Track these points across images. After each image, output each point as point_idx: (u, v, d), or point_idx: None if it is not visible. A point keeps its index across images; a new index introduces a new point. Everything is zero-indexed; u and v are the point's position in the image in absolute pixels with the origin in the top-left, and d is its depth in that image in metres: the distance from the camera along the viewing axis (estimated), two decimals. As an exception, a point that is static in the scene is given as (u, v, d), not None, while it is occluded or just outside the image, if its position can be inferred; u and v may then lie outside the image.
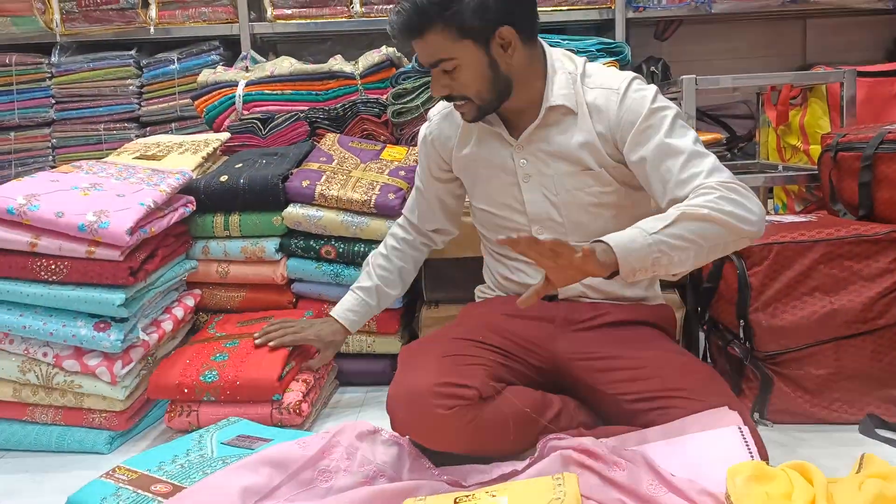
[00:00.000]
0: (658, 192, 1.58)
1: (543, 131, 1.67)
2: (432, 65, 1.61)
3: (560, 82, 1.65)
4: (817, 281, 1.80)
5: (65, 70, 3.23)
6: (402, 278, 1.98)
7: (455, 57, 1.57)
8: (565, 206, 1.69)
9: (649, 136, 1.57)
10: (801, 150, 2.86)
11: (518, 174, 1.71)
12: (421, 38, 1.58)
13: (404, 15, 1.56)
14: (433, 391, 1.48)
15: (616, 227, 1.64)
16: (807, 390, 1.80)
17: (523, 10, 1.61)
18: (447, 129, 1.81)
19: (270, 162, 2.36)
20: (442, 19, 1.54)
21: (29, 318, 1.85)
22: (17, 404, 1.91)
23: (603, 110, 1.63)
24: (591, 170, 1.65)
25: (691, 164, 1.53)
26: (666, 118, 1.58)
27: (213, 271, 2.26)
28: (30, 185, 1.92)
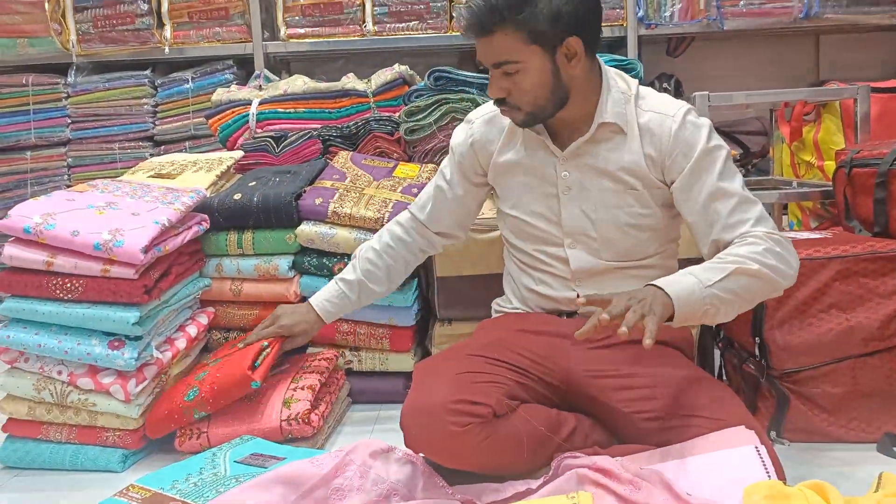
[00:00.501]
0: (701, 230, 1.61)
1: (592, 146, 1.67)
2: (495, 65, 1.59)
3: (614, 100, 1.66)
4: (833, 298, 1.78)
5: (81, 90, 3.27)
6: (390, 278, 1.95)
7: (520, 60, 1.56)
8: (602, 222, 1.69)
9: (701, 175, 1.59)
10: (816, 167, 2.85)
11: (558, 185, 1.70)
12: (489, 37, 1.56)
13: (477, 11, 1.54)
14: (447, 408, 1.47)
15: (647, 249, 1.69)
16: (823, 409, 1.78)
17: (593, 23, 1.61)
18: (490, 133, 1.80)
19: (284, 180, 2.37)
20: (514, 21, 1.53)
21: (44, 336, 1.86)
22: (31, 422, 1.92)
23: (656, 134, 1.63)
24: (634, 190, 1.66)
25: (740, 210, 1.56)
26: (719, 158, 1.60)
27: (226, 289, 2.27)
28: (46, 205, 1.93)
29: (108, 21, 3.23)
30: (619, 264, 1.70)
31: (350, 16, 3.22)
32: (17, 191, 3.27)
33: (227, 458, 1.65)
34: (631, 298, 1.41)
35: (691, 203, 1.61)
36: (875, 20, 3.12)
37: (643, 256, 1.71)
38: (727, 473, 1.35)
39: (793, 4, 3.10)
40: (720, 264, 1.49)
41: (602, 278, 1.71)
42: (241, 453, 1.68)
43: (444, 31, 3.19)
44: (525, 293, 1.80)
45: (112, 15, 3.22)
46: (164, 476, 1.59)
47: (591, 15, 1.60)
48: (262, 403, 1.90)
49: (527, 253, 1.78)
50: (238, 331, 2.29)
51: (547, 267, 1.75)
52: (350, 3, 3.21)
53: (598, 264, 1.70)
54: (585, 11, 1.58)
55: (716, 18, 3.13)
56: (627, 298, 1.41)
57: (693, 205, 1.61)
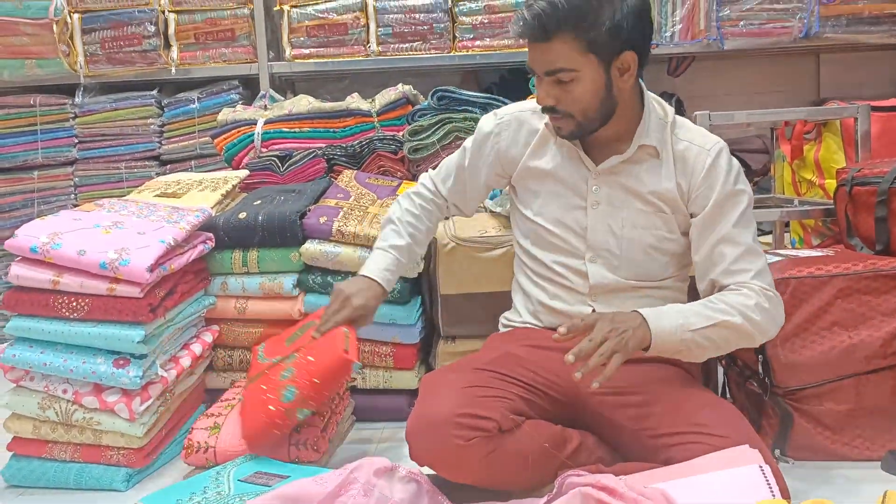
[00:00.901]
0: (702, 267, 1.66)
1: (627, 166, 1.68)
2: (549, 72, 1.58)
3: (654, 123, 1.67)
4: (835, 316, 1.79)
5: (88, 110, 3.29)
6: (427, 239, 1.95)
7: (576, 69, 1.55)
8: (627, 241, 1.69)
9: (720, 217, 1.63)
10: (817, 185, 2.86)
11: (588, 199, 1.70)
12: (547, 43, 1.55)
13: (539, 15, 1.52)
14: (453, 422, 1.48)
15: (664, 272, 1.71)
16: (827, 427, 1.78)
17: (647, 40, 1.63)
18: (521, 136, 1.79)
19: (288, 199, 2.38)
20: (575, 29, 1.52)
21: (49, 355, 1.87)
22: (36, 441, 1.93)
23: (689, 164, 1.66)
24: (663, 213, 1.68)
25: (744, 260, 1.61)
26: (740, 203, 1.64)
27: (231, 307, 2.28)
28: (53, 224, 1.95)
29: (116, 42, 3.26)
30: (636, 283, 1.71)
31: (354, 36, 3.25)
32: (24, 210, 3.29)
33: (231, 477, 1.65)
34: (612, 329, 1.47)
35: (702, 240, 1.65)
36: (875, 39, 3.13)
37: (659, 279, 1.72)
38: (731, 492, 1.35)
39: (792, 24, 3.12)
40: (709, 311, 1.55)
41: (617, 296, 1.71)
42: (245, 472, 1.68)
43: (447, 51, 3.22)
44: (537, 307, 1.79)
45: (119, 36, 3.25)
46: (168, 495, 1.60)
47: (648, 32, 1.63)
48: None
49: (543, 264, 1.76)
50: (242, 349, 2.30)
51: (563, 280, 1.74)
52: (354, 24, 3.24)
53: (616, 282, 1.70)
54: (643, 28, 1.60)
55: (716, 38, 3.15)
56: (609, 328, 1.47)
57: (703, 242, 1.65)
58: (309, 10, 3.24)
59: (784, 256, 2.01)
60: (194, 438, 1.87)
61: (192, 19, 3.27)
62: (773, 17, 3.13)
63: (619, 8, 1.54)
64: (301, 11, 3.24)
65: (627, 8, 1.54)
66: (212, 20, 3.28)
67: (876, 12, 3.10)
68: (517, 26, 1.56)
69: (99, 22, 3.24)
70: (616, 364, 1.44)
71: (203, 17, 3.27)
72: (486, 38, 3.19)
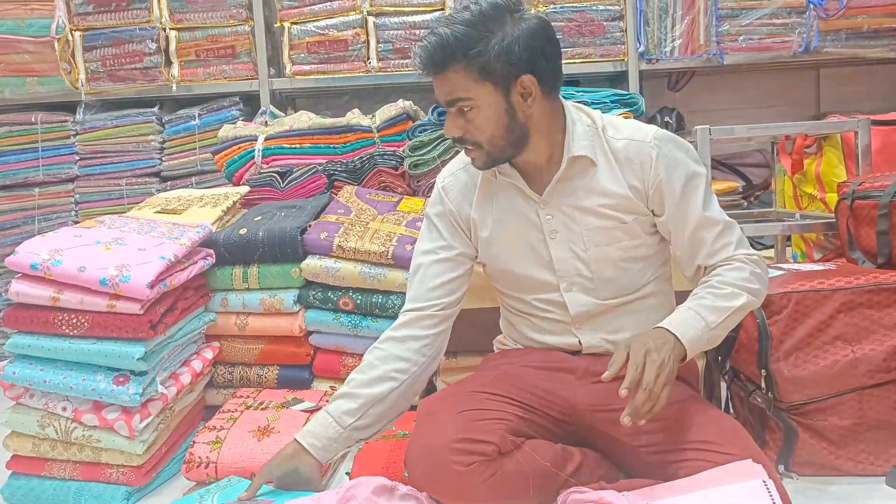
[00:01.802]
0: (686, 256, 1.65)
1: (568, 184, 1.64)
2: (449, 103, 1.57)
3: (580, 133, 1.63)
4: (838, 330, 1.78)
5: (89, 127, 3.30)
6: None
7: (473, 98, 1.54)
8: (595, 261, 1.66)
9: (687, 206, 1.61)
10: (818, 199, 2.86)
11: (544, 230, 1.66)
12: (441, 74, 1.54)
13: (429, 49, 1.52)
14: (451, 447, 1.47)
15: (642, 279, 1.68)
16: (831, 441, 1.77)
17: (548, 62, 1.58)
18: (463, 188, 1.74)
19: (289, 214, 2.38)
20: (465, 58, 1.51)
21: (49, 372, 1.86)
22: (35, 459, 1.92)
23: (636, 163, 1.62)
24: (623, 223, 1.64)
25: (723, 236, 1.61)
26: (700, 185, 1.62)
27: (231, 323, 2.27)
28: (53, 241, 1.95)
29: (117, 60, 3.27)
30: (617, 301, 1.68)
31: (355, 53, 3.26)
32: (25, 227, 3.29)
33: (215, 501, 1.63)
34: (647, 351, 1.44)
35: (678, 234, 1.63)
36: (874, 53, 3.15)
37: (639, 287, 1.69)
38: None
39: (792, 39, 3.13)
40: (721, 301, 1.55)
41: (602, 318, 1.69)
42: (229, 496, 1.65)
43: (448, 66, 3.23)
44: (525, 340, 1.78)
45: (121, 54, 3.27)
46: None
47: (545, 54, 1.56)
48: (274, 440, 1.89)
49: (523, 300, 1.74)
50: (243, 365, 2.29)
51: (546, 313, 1.71)
52: (354, 41, 3.25)
53: (596, 305, 1.67)
54: (539, 50, 1.54)
55: (716, 53, 3.16)
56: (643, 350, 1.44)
57: (680, 235, 1.63)
58: (309, 26, 3.26)
59: (786, 270, 2.01)
60: (195, 453, 1.86)
61: (193, 36, 3.29)
62: (773, 32, 3.15)
63: (510, 33, 1.51)
64: (301, 28, 3.26)
65: (519, 31, 1.51)
66: (213, 37, 3.30)
67: (875, 27, 3.12)
68: (416, 60, 1.56)
69: (100, 39, 3.27)
70: (666, 396, 1.42)
71: (204, 34, 3.29)
72: (486, 54, 3.20)
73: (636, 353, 1.44)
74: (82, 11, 3.27)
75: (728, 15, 3.15)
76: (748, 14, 3.15)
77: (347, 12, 3.25)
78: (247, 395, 2.15)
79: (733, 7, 3.16)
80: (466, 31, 1.51)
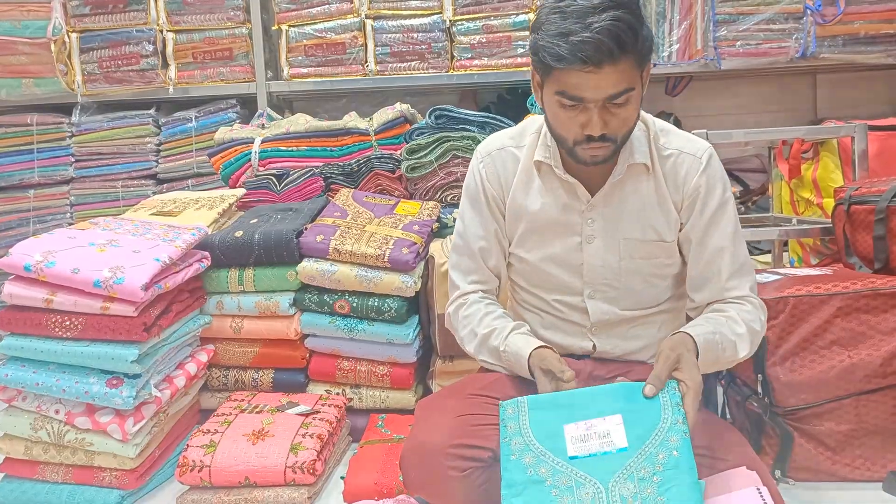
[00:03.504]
0: (697, 281, 1.62)
1: (619, 191, 1.60)
2: (611, 97, 1.42)
3: (638, 138, 1.58)
4: (834, 335, 1.78)
5: (85, 129, 3.30)
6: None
7: (634, 88, 1.44)
8: (627, 273, 1.63)
9: (714, 227, 1.59)
10: (815, 204, 2.86)
11: (583, 234, 1.63)
12: (615, 64, 1.39)
13: (614, 33, 1.37)
14: (446, 452, 1.46)
15: (664, 295, 1.67)
16: (828, 447, 1.77)
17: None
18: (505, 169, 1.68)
19: (285, 217, 2.38)
20: (635, 44, 1.40)
21: (42, 374, 1.85)
22: (28, 462, 1.91)
23: (681, 176, 1.59)
24: (663, 241, 1.62)
25: (738, 275, 1.59)
26: (731, 214, 1.60)
27: (226, 326, 2.26)
28: (47, 242, 1.94)
29: (114, 61, 3.27)
30: (637, 313, 1.67)
31: (352, 56, 3.26)
32: (19, 229, 3.29)
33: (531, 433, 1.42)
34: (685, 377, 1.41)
35: (698, 254, 1.61)
36: (872, 59, 3.15)
37: (660, 302, 1.68)
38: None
39: (789, 44, 3.13)
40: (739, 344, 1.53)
41: (620, 328, 1.67)
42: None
43: (445, 70, 3.23)
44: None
45: (117, 56, 3.26)
46: None
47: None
48: (269, 444, 1.88)
49: (542, 299, 1.71)
50: (238, 369, 2.29)
51: (563, 315, 1.69)
52: (352, 44, 3.25)
53: (617, 315, 1.66)
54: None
55: (713, 58, 3.16)
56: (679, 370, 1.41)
57: (700, 255, 1.61)
58: (307, 29, 3.25)
59: (783, 275, 2.01)
60: (189, 456, 1.85)
61: (191, 38, 3.28)
62: (770, 38, 3.15)
63: (643, 14, 1.50)
64: (299, 31, 3.26)
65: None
66: (210, 39, 3.29)
67: (872, 32, 3.12)
68: (583, 53, 1.37)
69: (97, 41, 3.26)
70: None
71: (201, 37, 3.29)
72: (483, 58, 3.21)
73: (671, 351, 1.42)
74: (79, 13, 3.27)
75: (725, 20, 3.16)
76: (745, 19, 3.15)
77: (345, 15, 3.25)
78: (241, 399, 2.14)
79: (730, 12, 3.16)
80: (634, 14, 1.40)
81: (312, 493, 1.83)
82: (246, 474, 1.82)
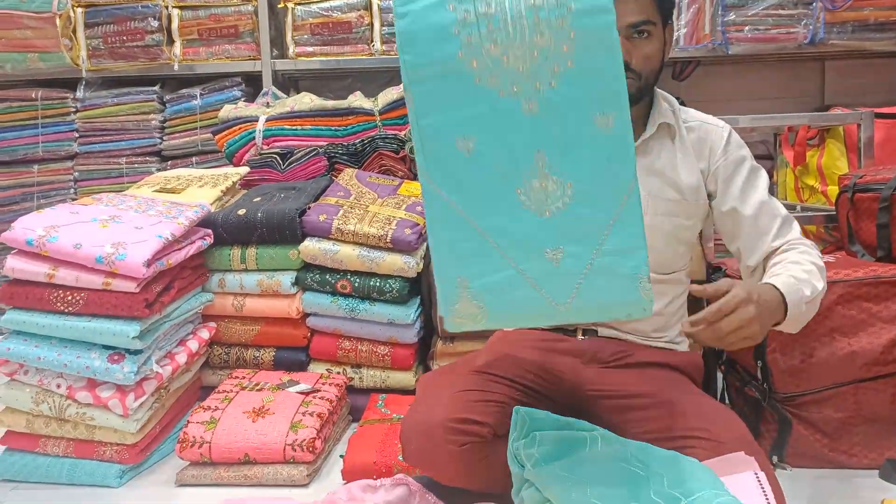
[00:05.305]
0: (750, 241, 1.64)
1: (649, 148, 1.67)
2: (634, 25, 1.56)
3: (666, 107, 1.69)
4: (835, 322, 1.78)
5: (89, 105, 3.29)
6: None
7: (655, 24, 1.58)
8: (649, 228, 1.63)
9: (752, 190, 1.64)
10: (819, 191, 2.85)
11: None
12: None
13: None
14: (446, 426, 1.47)
15: (678, 263, 1.70)
16: (825, 434, 1.77)
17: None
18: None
19: (288, 196, 2.37)
20: None
21: (44, 349, 1.86)
22: (29, 436, 1.92)
23: (707, 143, 1.67)
24: (685, 200, 1.66)
25: (785, 225, 1.64)
26: (764, 177, 1.67)
27: (228, 304, 2.27)
28: (50, 217, 1.94)
29: (119, 37, 3.25)
30: (654, 276, 1.64)
31: (358, 35, 3.24)
32: (23, 204, 3.28)
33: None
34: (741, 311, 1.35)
35: (742, 218, 1.64)
36: (881, 46, 3.12)
37: (672, 271, 1.70)
38: (727, 499, 1.33)
39: (798, 30, 3.10)
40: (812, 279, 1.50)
41: None
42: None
43: (451, 51, 3.21)
44: None
45: (122, 31, 3.24)
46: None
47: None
48: (269, 421, 1.89)
49: None
50: (239, 346, 2.29)
51: None
52: (358, 23, 3.23)
53: None
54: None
55: (721, 43, 3.13)
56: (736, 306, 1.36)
57: (744, 218, 1.64)
58: (313, 7, 3.23)
59: (785, 262, 2.00)
60: (189, 432, 1.86)
61: (196, 15, 3.26)
62: (779, 23, 3.12)
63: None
64: (305, 9, 3.24)
65: None
66: (216, 16, 3.27)
67: (882, 19, 3.09)
68: None
69: (102, 16, 3.24)
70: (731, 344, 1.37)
71: (207, 14, 3.27)
72: (489, 39, 3.18)
73: (734, 297, 1.36)
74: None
75: (734, 4, 3.12)
76: (754, 4, 3.12)
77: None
78: (243, 376, 2.15)
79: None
80: None
81: (311, 470, 1.85)
82: (246, 451, 1.83)
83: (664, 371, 1.67)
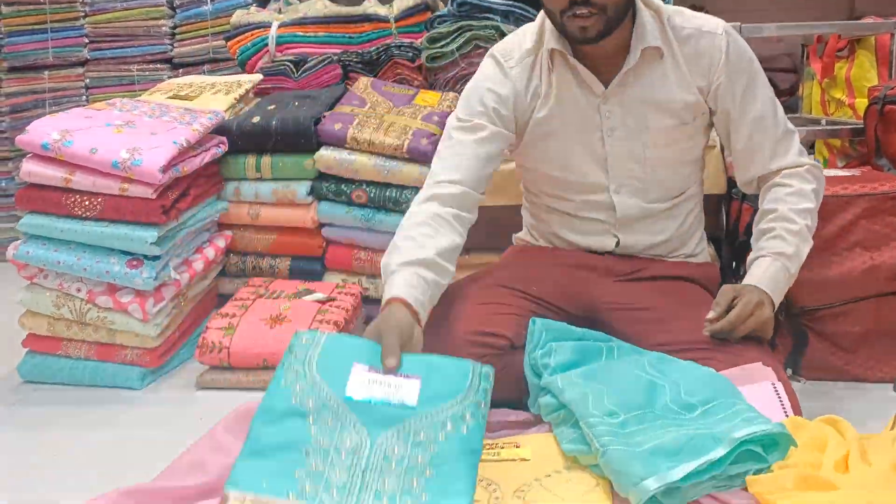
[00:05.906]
0: (743, 159, 1.61)
1: (634, 78, 1.55)
2: None
3: (649, 23, 1.53)
4: (858, 236, 1.75)
5: (99, 9, 3.23)
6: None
7: None
8: (652, 163, 1.60)
9: (750, 101, 1.57)
10: (846, 104, 2.78)
11: (603, 126, 1.58)
12: None
13: None
14: (466, 339, 1.48)
15: (688, 182, 1.67)
16: (841, 347, 1.77)
17: None
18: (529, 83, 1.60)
19: (303, 104, 2.34)
20: None
21: (63, 253, 1.86)
22: (51, 338, 1.94)
23: (705, 59, 1.55)
24: (684, 124, 1.58)
25: (783, 142, 1.58)
26: (765, 84, 1.58)
27: (244, 213, 2.26)
28: (64, 121, 1.92)
29: (127, -62, 3.16)
30: (663, 205, 1.65)
31: (374, -64, 3.13)
32: (35, 110, 3.27)
33: (315, 369, 1.22)
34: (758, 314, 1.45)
35: (738, 131, 1.58)
36: (916, -48, 2.99)
37: (683, 190, 1.67)
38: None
39: (832, -66, 2.98)
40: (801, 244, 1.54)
41: (645, 221, 1.65)
42: (330, 357, 1.24)
43: (469, -45, 3.09)
44: (555, 239, 1.73)
45: (131, -68, 3.15)
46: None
47: None
48: (286, 328, 1.90)
49: (565, 199, 1.67)
50: (255, 255, 2.30)
51: (588, 213, 1.66)
52: (373, -75, 3.11)
53: (642, 209, 1.63)
54: None
55: (750, -52, 3.01)
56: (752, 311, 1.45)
57: (741, 132, 1.58)
58: None
59: (809, 175, 1.96)
60: (208, 338, 1.88)
61: (206, -85, 3.16)
62: (811, -73, 2.99)
63: None
64: None
65: None
66: (226, -84, 3.16)
67: (920, -78, 2.95)
68: None
69: (110, -83, 3.14)
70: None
71: (216, -87, 3.16)
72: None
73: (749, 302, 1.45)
74: None
75: None
76: None
77: None
78: (259, 285, 2.16)
79: None
80: None
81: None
82: (264, 356, 1.85)
83: (681, 283, 1.66)
